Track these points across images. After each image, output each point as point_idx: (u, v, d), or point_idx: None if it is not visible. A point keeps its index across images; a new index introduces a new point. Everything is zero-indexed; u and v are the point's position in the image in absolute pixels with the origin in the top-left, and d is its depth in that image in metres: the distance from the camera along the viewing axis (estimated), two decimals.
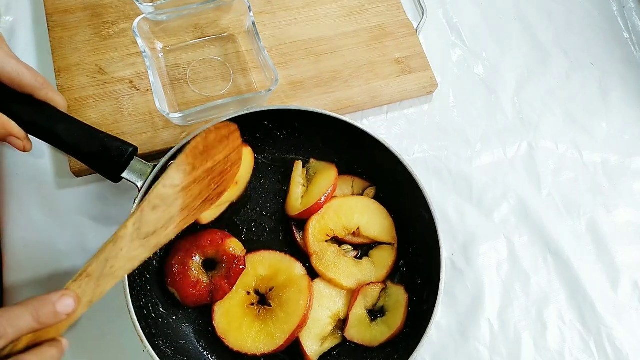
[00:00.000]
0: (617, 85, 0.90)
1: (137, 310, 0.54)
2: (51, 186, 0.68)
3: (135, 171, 0.58)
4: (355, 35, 0.81)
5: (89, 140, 0.57)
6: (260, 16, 0.79)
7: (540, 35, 0.91)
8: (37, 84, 0.55)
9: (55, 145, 0.58)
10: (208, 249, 0.62)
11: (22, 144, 0.55)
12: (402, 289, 0.65)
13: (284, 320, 0.61)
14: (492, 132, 0.82)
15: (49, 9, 0.73)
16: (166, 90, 0.72)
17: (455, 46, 0.88)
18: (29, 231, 0.66)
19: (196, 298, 0.60)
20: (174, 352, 0.58)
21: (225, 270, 0.61)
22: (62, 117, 0.57)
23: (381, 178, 0.70)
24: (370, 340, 0.63)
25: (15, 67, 0.53)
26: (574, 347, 0.71)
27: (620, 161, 0.84)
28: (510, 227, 0.77)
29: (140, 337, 0.53)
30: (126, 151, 0.57)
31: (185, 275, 0.60)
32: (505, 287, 0.73)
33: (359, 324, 0.64)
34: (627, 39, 0.95)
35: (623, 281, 0.76)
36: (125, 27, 0.74)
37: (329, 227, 0.67)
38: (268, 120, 0.67)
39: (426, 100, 0.82)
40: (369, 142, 0.65)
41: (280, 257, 0.65)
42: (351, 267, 0.66)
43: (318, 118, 0.65)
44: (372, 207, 0.69)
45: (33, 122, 0.56)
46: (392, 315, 0.64)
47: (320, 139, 0.70)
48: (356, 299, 0.64)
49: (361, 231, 0.67)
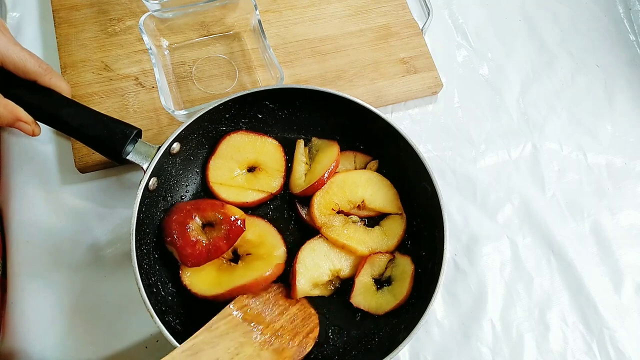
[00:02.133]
0: (622, 88, 0.90)
1: (146, 289, 0.55)
2: (56, 182, 0.68)
3: (141, 153, 0.59)
4: (361, 35, 0.81)
5: (93, 124, 0.58)
6: (266, 15, 0.79)
7: (545, 37, 0.91)
8: (41, 70, 0.56)
9: (61, 129, 0.59)
10: (208, 211, 0.62)
11: (31, 128, 0.57)
12: (408, 259, 0.65)
13: (237, 276, 0.61)
14: (497, 133, 0.82)
15: (56, 6, 0.74)
16: (171, 87, 0.72)
17: (460, 47, 0.88)
18: (33, 226, 0.66)
19: (195, 257, 0.61)
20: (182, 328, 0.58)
21: (224, 230, 0.62)
22: (67, 102, 0.58)
23: (383, 152, 0.70)
24: (376, 307, 0.63)
25: (19, 53, 0.54)
26: (577, 349, 0.71)
27: (624, 164, 0.84)
28: (514, 228, 0.77)
29: (150, 313, 0.53)
30: (130, 133, 0.58)
31: (185, 234, 0.60)
32: (508, 288, 0.73)
33: (365, 291, 0.64)
34: (633, 41, 0.95)
35: (626, 283, 0.76)
36: (131, 24, 0.74)
37: (333, 201, 0.67)
38: (269, 101, 0.67)
39: (431, 100, 0.82)
40: (368, 117, 0.66)
41: (272, 232, 0.65)
42: (362, 234, 0.66)
43: (317, 96, 0.65)
44: (375, 180, 0.69)
45: (38, 107, 0.56)
46: (399, 284, 0.64)
47: (321, 117, 0.70)
48: (363, 266, 0.64)
49: (366, 204, 0.68)
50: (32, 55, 0.56)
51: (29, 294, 0.63)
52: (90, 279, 0.65)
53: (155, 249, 0.61)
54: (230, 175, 0.67)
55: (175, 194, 0.66)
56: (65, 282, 0.64)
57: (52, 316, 0.62)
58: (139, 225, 0.57)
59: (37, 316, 0.62)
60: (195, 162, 0.67)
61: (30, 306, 0.62)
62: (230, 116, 0.66)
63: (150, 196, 0.60)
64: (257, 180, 0.68)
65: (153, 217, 0.62)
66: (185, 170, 0.67)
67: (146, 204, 0.59)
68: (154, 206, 0.62)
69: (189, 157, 0.66)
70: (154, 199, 0.62)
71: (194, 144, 0.65)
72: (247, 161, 0.68)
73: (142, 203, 0.58)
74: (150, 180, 0.59)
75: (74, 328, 0.62)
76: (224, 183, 0.67)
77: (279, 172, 0.69)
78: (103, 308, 0.64)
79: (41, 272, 0.64)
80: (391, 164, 0.70)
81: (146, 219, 0.60)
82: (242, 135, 0.68)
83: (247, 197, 0.67)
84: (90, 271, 0.65)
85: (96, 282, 0.64)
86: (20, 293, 0.63)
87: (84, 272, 0.65)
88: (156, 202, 0.62)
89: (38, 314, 0.62)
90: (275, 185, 0.68)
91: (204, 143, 0.67)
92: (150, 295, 0.55)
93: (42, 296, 0.63)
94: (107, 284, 0.64)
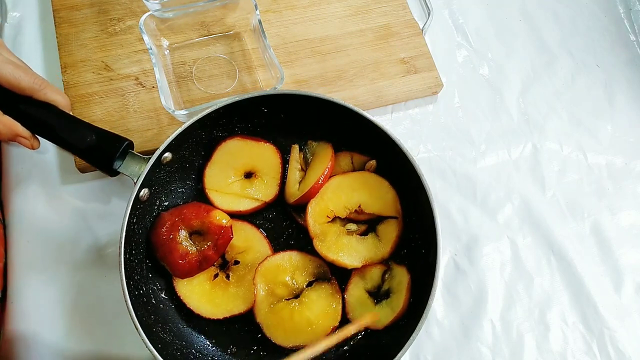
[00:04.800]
0: (622, 88, 0.90)
1: (134, 299, 0.55)
2: (56, 182, 0.68)
3: (130, 165, 0.59)
4: (361, 35, 0.81)
5: (84, 136, 0.58)
6: (266, 14, 0.79)
7: (546, 37, 0.91)
8: (35, 85, 0.56)
9: (55, 142, 0.59)
10: (194, 220, 0.62)
11: (30, 142, 0.58)
12: (404, 269, 0.63)
13: (232, 298, 0.63)
14: (497, 133, 0.82)
15: (56, 5, 0.74)
16: (172, 87, 0.72)
17: (460, 47, 0.88)
18: (33, 226, 0.66)
19: (186, 269, 0.61)
20: (172, 337, 0.59)
21: (212, 240, 0.62)
22: (59, 116, 0.59)
23: (380, 153, 0.68)
24: (375, 322, 0.62)
25: (12, 71, 0.55)
26: (577, 349, 0.71)
27: (625, 164, 0.84)
28: (514, 228, 0.76)
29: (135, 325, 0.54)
30: (120, 145, 0.59)
31: (174, 248, 0.61)
32: (508, 288, 0.73)
33: (360, 305, 0.63)
34: (633, 41, 0.95)
35: (626, 283, 0.76)
36: (131, 24, 0.74)
37: (328, 208, 0.66)
38: (265, 106, 0.67)
39: (431, 100, 0.82)
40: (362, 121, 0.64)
41: (258, 238, 0.65)
42: (355, 245, 0.65)
43: (312, 101, 0.65)
44: (371, 182, 0.66)
45: (33, 122, 0.57)
46: (396, 297, 0.63)
47: (317, 121, 0.68)
48: (350, 281, 0.64)
49: (363, 208, 0.66)
50: (27, 71, 0.56)
51: (29, 293, 0.63)
52: (90, 278, 0.65)
53: (147, 258, 0.62)
54: (226, 182, 0.67)
55: (171, 201, 0.66)
56: (65, 281, 0.64)
57: (52, 315, 0.62)
58: (128, 237, 0.57)
59: (37, 315, 0.62)
60: (191, 169, 0.67)
61: (30, 305, 0.63)
62: (225, 122, 0.66)
63: (143, 206, 0.61)
64: (253, 188, 0.68)
65: (146, 225, 0.62)
66: (180, 177, 0.67)
67: (137, 215, 0.60)
68: (148, 214, 0.62)
69: (184, 164, 0.66)
70: (146, 208, 0.62)
71: (188, 151, 0.65)
72: (243, 167, 0.68)
73: (133, 214, 0.58)
74: (142, 192, 0.59)
75: (74, 327, 0.62)
76: (219, 190, 0.67)
77: (274, 180, 0.68)
78: (103, 307, 0.64)
79: (41, 272, 0.64)
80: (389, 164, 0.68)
81: (139, 228, 0.60)
82: (238, 140, 0.67)
83: (240, 205, 0.67)
84: (91, 270, 0.65)
85: (96, 282, 0.65)
86: (21, 292, 0.63)
87: (84, 272, 0.65)
88: (150, 210, 0.63)
89: (38, 313, 0.62)
90: (269, 193, 0.68)
91: (199, 150, 0.67)
92: (140, 306, 0.56)
93: (42, 295, 0.63)
94: (107, 284, 0.64)
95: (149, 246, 0.62)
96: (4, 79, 0.54)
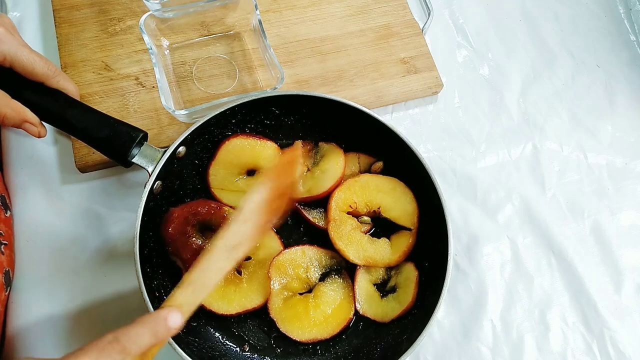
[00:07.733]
0: (623, 88, 0.90)
1: (149, 293, 0.55)
2: (56, 182, 0.68)
3: (146, 156, 0.59)
4: (361, 35, 0.81)
5: (99, 126, 0.58)
6: (266, 14, 0.79)
7: (546, 37, 0.91)
8: (49, 72, 0.56)
9: (67, 130, 0.59)
10: (205, 216, 0.62)
11: (37, 129, 0.57)
12: (412, 265, 0.65)
13: (245, 293, 0.63)
14: (497, 133, 0.82)
15: (56, 5, 0.74)
16: (172, 87, 0.72)
17: (460, 47, 0.88)
18: (34, 226, 0.66)
19: None
20: (185, 333, 0.58)
21: None
22: (73, 104, 0.58)
23: (388, 154, 0.70)
24: (382, 315, 0.64)
25: (28, 56, 0.54)
26: (577, 350, 0.71)
27: (625, 164, 0.84)
28: (514, 228, 0.77)
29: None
30: (137, 136, 0.58)
31: (186, 243, 0.60)
32: (509, 288, 0.73)
33: (369, 299, 0.65)
34: (633, 41, 0.95)
35: (626, 284, 0.76)
36: (131, 24, 0.74)
37: (352, 199, 0.67)
38: (276, 107, 0.67)
39: (431, 100, 0.82)
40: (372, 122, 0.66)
41: (269, 234, 0.65)
42: (365, 243, 0.66)
43: (324, 102, 0.66)
44: (398, 190, 0.68)
45: (45, 108, 0.57)
46: (403, 291, 0.64)
47: (326, 122, 0.69)
48: (357, 274, 0.65)
49: (381, 211, 0.68)
50: (41, 57, 0.56)
51: (29, 293, 0.63)
52: (90, 278, 0.65)
53: (158, 252, 0.61)
54: (231, 180, 0.67)
55: (179, 197, 0.66)
56: (65, 281, 0.64)
57: (52, 315, 0.62)
58: (142, 229, 0.57)
59: (38, 315, 0.62)
60: (200, 166, 0.67)
61: (31, 305, 0.62)
62: (237, 121, 0.66)
63: (155, 199, 0.60)
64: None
65: (156, 220, 0.62)
66: (190, 173, 0.67)
67: (150, 207, 0.59)
68: (157, 209, 0.62)
69: (193, 160, 0.66)
70: (157, 202, 0.62)
71: (199, 147, 0.65)
72: (246, 165, 0.68)
73: (147, 206, 0.58)
74: (155, 184, 0.59)
75: (74, 327, 0.62)
76: (225, 188, 0.67)
77: None
78: (103, 307, 0.64)
79: (41, 272, 0.64)
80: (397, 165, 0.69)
81: (150, 222, 0.60)
82: (240, 139, 0.67)
83: None
84: (91, 270, 0.65)
85: (97, 282, 0.64)
86: (23, 293, 0.63)
87: (85, 272, 0.65)
88: (160, 205, 0.62)
89: (39, 313, 0.62)
90: None
91: (209, 147, 0.67)
92: (153, 300, 0.56)
93: (42, 295, 0.63)
94: (107, 284, 0.64)
95: (158, 241, 0.61)
96: (19, 64, 0.54)
